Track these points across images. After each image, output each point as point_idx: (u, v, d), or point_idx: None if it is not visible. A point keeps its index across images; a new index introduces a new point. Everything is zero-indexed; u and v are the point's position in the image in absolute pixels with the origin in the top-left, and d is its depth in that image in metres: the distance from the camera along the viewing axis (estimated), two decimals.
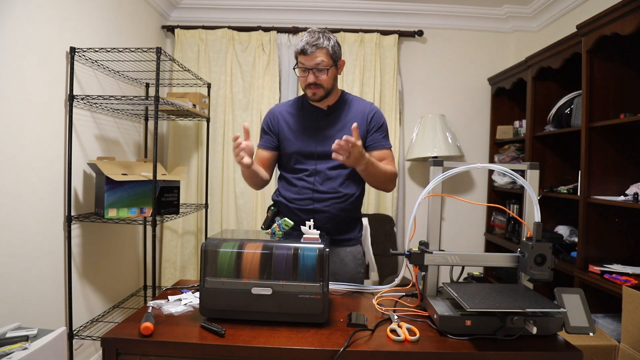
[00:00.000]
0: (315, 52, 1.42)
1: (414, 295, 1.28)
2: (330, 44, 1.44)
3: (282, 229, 1.26)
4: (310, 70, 1.44)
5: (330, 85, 1.49)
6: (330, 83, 1.48)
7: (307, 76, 1.46)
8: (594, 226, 2.08)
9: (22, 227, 1.74)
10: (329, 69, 1.45)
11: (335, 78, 1.51)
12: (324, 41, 1.43)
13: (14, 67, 1.67)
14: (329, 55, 1.44)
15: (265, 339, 0.98)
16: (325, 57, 1.43)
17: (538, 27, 3.19)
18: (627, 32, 1.82)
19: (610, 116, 2.03)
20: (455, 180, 3.27)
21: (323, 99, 1.51)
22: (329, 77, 1.46)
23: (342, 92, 1.60)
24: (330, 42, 1.45)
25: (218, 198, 3.11)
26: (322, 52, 1.43)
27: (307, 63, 1.44)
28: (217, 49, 3.11)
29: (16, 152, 1.70)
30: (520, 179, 1.16)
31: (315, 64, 1.43)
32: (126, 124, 2.57)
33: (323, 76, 1.45)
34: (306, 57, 1.43)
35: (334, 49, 1.46)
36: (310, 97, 1.51)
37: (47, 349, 1.36)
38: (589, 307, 0.99)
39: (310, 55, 1.42)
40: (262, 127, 1.63)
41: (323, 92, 1.48)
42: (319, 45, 1.42)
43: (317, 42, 1.42)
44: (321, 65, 1.43)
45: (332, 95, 1.54)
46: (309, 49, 1.42)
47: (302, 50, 1.43)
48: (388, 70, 3.14)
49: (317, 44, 1.42)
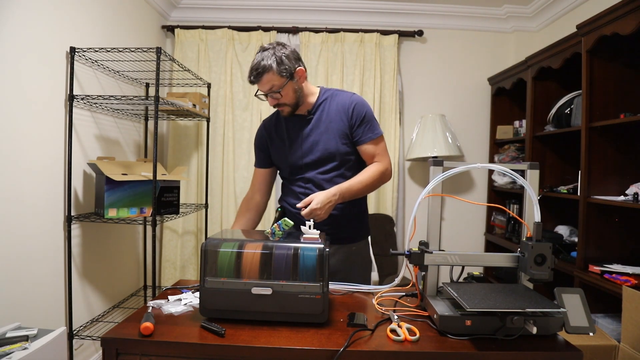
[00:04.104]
0: (262, 78, 1.39)
1: (414, 295, 1.28)
2: (275, 62, 1.38)
3: (282, 228, 1.26)
4: (267, 95, 1.44)
5: (294, 99, 1.46)
6: (292, 98, 1.45)
7: (268, 99, 1.46)
8: (594, 226, 2.08)
9: (22, 227, 1.74)
10: (284, 87, 1.41)
11: (298, 90, 1.46)
12: (267, 62, 1.37)
13: (14, 67, 1.67)
14: (277, 74, 1.39)
15: (265, 339, 0.98)
16: (274, 78, 1.39)
17: (538, 27, 3.19)
18: (627, 32, 1.82)
19: (610, 116, 2.03)
20: (455, 180, 3.27)
21: (293, 112, 1.51)
22: (287, 93, 1.43)
23: (321, 91, 1.56)
24: (275, 60, 1.38)
25: (218, 198, 3.11)
26: (269, 75, 1.38)
27: (260, 89, 1.43)
28: (217, 49, 3.11)
29: (16, 152, 1.70)
30: (520, 179, 1.16)
31: (267, 89, 1.41)
32: (126, 124, 2.57)
33: (279, 96, 1.43)
34: (257, 84, 1.42)
35: (282, 65, 1.39)
36: (281, 114, 1.52)
37: (47, 349, 1.36)
38: (589, 307, 0.99)
39: (259, 83, 1.41)
40: (255, 145, 1.66)
41: (289, 108, 1.48)
42: (263, 70, 1.38)
43: (260, 67, 1.37)
44: (274, 88, 1.41)
45: (307, 101, 1.52)
46: (254, 78, 1.40)
47: (249, 81, 1.42)
48: (388, 70, 3.14)
49: (259, 70, 1.38)
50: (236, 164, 3.12)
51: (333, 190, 1.38)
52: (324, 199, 1.34)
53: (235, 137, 3.12)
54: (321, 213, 1.34)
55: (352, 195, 1.44)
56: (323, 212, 1.35)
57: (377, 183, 1.49)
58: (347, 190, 1.41)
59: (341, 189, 1.40)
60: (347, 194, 1.41)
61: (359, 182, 1.45)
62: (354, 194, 1.44)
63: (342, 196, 1.40)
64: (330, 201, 1.36)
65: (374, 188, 1.51)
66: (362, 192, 1.48)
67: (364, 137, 1.50)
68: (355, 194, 1.44)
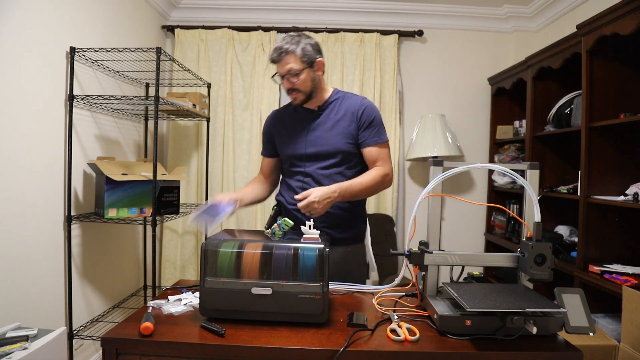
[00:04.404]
0: (284, 59, 1.43)
1: (414, 295, 1.28)
2: (300, 47, 1.43)
3: (282, 229, 1.26)
4: (284, 77, 1.46)
5: (309, 87, 1.48)
6: (307, 86, 1.47)
7: (283, 82, 1.47)
8: (594, 226, 2.08)
9: (22, 227, 1.74)
10: (302, 73, 1.44)
11: (315, 79, 1.49)
12: (290, 46, 1.43)
13: (14, 67, 1.67)
14: (299, 58, 1.43)
15: (265, 339, 0.98)
16: (295, 61, 1.43)
17: (538, 27, 3.19)
18: (627, 32, 1.82)
19: (610, 116, 2.03)
20: (455, 180, 3.27)
21: (305, 102, 1.51)
22: (304, 80, 1.45)
23: (334, 91, 1.59)
24: (300, 46, 1.43)
25: None
26: (291, 58, 1.43)
27: (279, 70, 1.47)
28: (217, 49, 3.11)
29: (16, 152, 1.70)
30: (520, 179, 1.16)
31: (286, 70, 1.44)
32: (126, 124, 2.57)
33: (296, 80, 1.45)
34: (276, 65, 1.46)
35: (305, 52, 1.44)
36: (293, 102, 1.53)
37: (47, 349, 1.36)
38: (589, 307, 0.99)
39: (279, 63, 1.45)
40: (263, 134, 1.69)
41: (302, 96, 1.48)
42: (286, 51, 1.42)
43: (283, 49, 1.42)
44: (292, 71, 1.43)
45: (319, 95, 1.54)
46: (276, 57, 1.44)
47: (270, 59, 1.46)
48: (388, 70, 3.14)
49: (283, 51, 1.42)
50: (236, 164, 3.12)
51: (333, 187, 1.37)
52: (323, 194, 1.33)
53: (235, 137, 3.12)
54: (318, 207, 1.32)
55: (351, 196, 1.43)
56: (320, 207, 1.33)
57: (377, 186, 1.49)
58: (347, 189, 1.40)
59: (341, 187, 1.39)
60: (347, 193, 1.40)
61: (359, 183, 1.45)
62: (354, 194, 1.43)
63: (341, 195, 1.39)
64: (329, 197, 1.35)
65: (374, 192, 1.51)
66: (362, 194, 1.48)
67: (369, 140, 1.50)
68: (354, 194, 1.44)
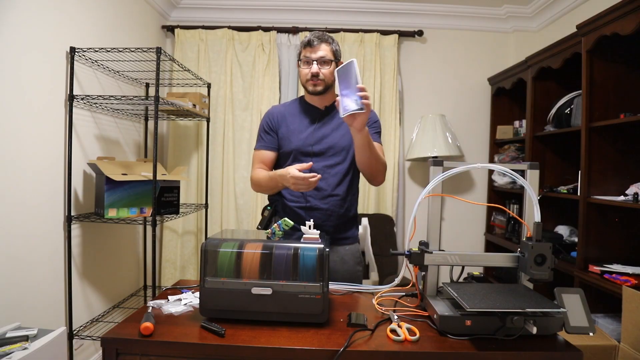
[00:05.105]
0: (321, 45, 1.51)
1: (414, 295, 1.28)
2: (334, 44, 1.55)
3: (282, 229, 1.26)
4: (314, 62, 1.50)
5: (331, 80, 1.54)
6: (329, 78, 1.53)
7: (311, 67, 1.51)
8: (594, 226, 2.08)
9: (22, 227, 1.74)
10: (330, 65, 1.52)
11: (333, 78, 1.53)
12: (328, 38, 1.54)
13: (14, 67, 1.67)
14: (332, 52, 1.53)
15: (265, 339, 0.98)
16: (329, 52, 1.52)
17: (538, 27, 3.19)
18: (627, 32, 1.82)
19: (610, 116, 2.03)
20: (455, 180, 3.27)
21: (322, 93, 1.54)
22: (330, 72, 1.52)
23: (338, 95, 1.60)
24: (334, 43, 1.55)
25: (218, 198, 3.11)
26: (327, 47, 1.52)
27: (312, 55, 1.51)
28: (217, 49, 3.11)
29: (16, 152, 1.70)
30: (520, 179, 1.16)
31: (319, 56, 1.50)
32: (126, 124, 2.57)
33: (326, 68, 1.51)
34: (312, 48, 1.50)
35: (336, 49, 1.55)
36: (311, 90, 1.54)
37: (47, 349, 1.36)
38: (589, 307, 0.99)
39: (315, 47, 1.50)
40: (262, 128, 1.63)
41: (323, 85, 1.52)
42: (325, 39, 1.52)
43: (324, 37, 1.52)
44: (324, 58, 1.50)
45: (329, 93, 1.57)
46: (315, 41, 1.51)
47: (308, 42, 1.51)
48: (388, 70, 3.14)
49: (322, 39, 1.52)
50: (236, 164, 3.12)
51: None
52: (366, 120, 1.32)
53: (235, 137, 3.12)
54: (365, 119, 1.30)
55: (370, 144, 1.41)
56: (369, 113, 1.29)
57: (379, 164, 1.49)
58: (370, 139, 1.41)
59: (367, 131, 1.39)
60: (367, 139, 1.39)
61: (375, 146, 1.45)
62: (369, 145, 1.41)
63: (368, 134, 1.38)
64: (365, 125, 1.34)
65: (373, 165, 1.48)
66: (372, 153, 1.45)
67: (370, 135, 1.50)
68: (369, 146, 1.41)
